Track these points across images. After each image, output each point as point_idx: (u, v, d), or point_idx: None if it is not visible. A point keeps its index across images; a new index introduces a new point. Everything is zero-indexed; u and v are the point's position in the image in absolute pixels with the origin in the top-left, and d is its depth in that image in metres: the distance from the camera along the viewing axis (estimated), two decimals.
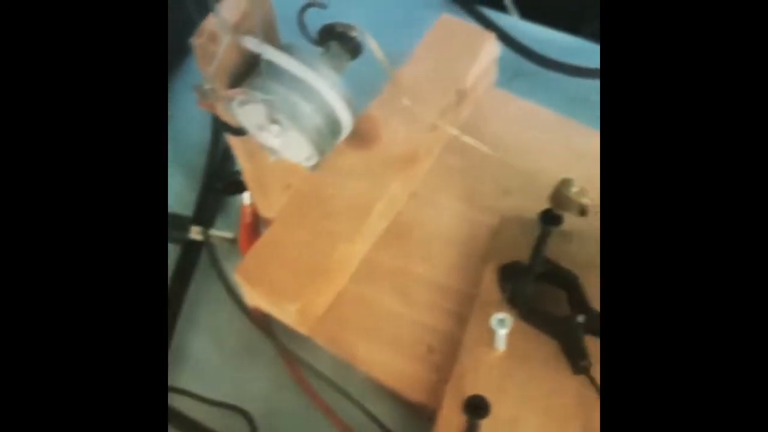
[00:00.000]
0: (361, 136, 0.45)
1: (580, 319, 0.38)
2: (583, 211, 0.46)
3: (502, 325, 0.37)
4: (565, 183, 0.35)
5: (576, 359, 0.38)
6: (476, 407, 0.35)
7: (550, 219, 0.37)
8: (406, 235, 0.47)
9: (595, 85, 0.54)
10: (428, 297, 0.45)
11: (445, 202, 0.48)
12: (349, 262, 0.45)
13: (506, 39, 0.55)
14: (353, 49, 0.35)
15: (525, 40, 0.56)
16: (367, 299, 0.45)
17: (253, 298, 0.45)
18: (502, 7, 0.61)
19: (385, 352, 0.43)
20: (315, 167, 0.37)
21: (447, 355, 0.42)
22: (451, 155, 0.49)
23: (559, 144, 0.49)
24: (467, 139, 0.41)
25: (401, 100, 0.39)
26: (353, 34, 0.34)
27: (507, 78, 0.55)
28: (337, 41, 0.34)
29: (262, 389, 0.45)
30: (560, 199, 0.36)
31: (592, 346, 0.39)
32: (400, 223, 0.47)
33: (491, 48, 0.48)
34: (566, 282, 0.40)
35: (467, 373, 0.40)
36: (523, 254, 0.42)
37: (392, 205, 0.46)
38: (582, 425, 0.38)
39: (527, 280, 0.40)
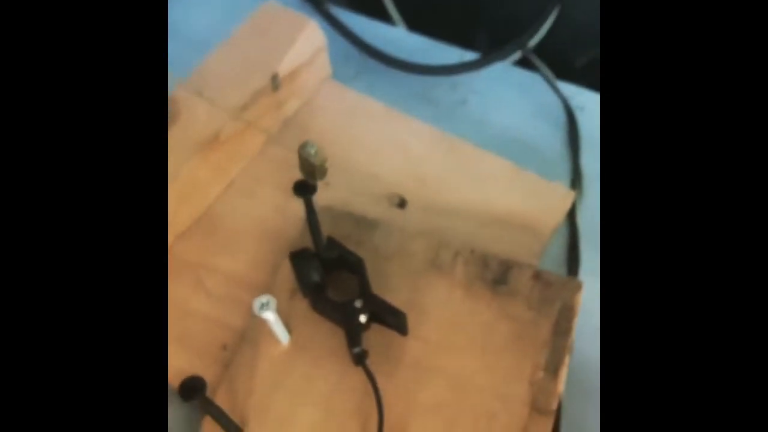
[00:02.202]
0: None
1: (358, 303, 0.35)
2: (401, 203, 0.44)
3: (266, 308, 0.33)
4: (303, 145, 0.32)
5: (351, 347, 0.34)
6: (189, 389, 0.31)
7: (301, 189, 0.34)
8: (215, 226, 0.44)
9: (433, 80, 0.53)
10: (229, 292, 0.41)
11: (264, 193, 0.45)
12: None
13: (349, 36, 0.53)
14: None
15: (373, 40, 0.54)
16: None
17: None
18: (389, 20, 0.60)
19: (174, 351, 0.39)
20: None
21: (243, 352, 0.39)
22: (275, 147, 0.47)
23: (386, 137, 0.47)
24: (266, 129, 0.39)
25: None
26: None
27: (351, 75, 0.53)
28: None
29: None
30: (302, 163, 0.33)
31: (378, 335, 0.36)
32: (212, 215, 0.44)
33: (313, 35, 0.47)
34: (354, 267, 0.37)
35: (241, 370, 0.36)
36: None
37: (195, 192, 0.43)
38: (364, 418, 0.34)
39: (312, 266, 0.37)
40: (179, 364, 0.39)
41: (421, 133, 0.48)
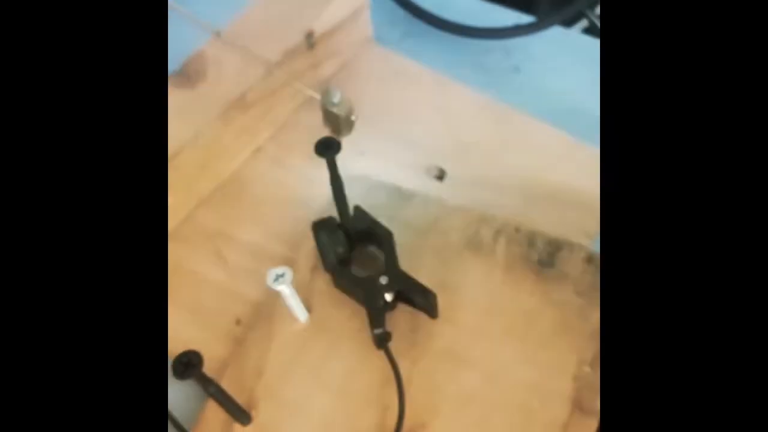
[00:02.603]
0: (186, 75, 0.40)
1: (383, 280, 0.31)
2: (441, 175, 0.40)
3: (281, 280, 0.30)
4: (326, 93, 0.28)
5: (372, 328, 0.31)
6: (184, 366, 0.28)
7: (324, 148, 0.30)
8: (239, 194, 0.41)
9: (485, 46, 0.48)
10: (249, 264, 0.38)
11: (293, 161, 0.42)
12: None
13: None
14: None
15: (422, 0, 0.50)
16: (178, 262, 0.38)
17: None
18: None
19: (185, 321, 0.36)
20: None
21: (257, 328, 0.35)
22: (309, 113, 0.43)
23: (429, 104, 0.43)
24: (299, 86, 0.35)
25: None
26: None
27: (397, 38, 0.49)
28: None
29: None
30: (325, 115, 0.29)
31: (404, 317, 0.32)
32: (237, 181, 0.41)
33: None
34: (382, 241, 0.33)
35: (254, 347, 0.33)
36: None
37: (219, 157, 0.40)
38: (383, 407, 0.31)
39: (336, 237, 0.33)
40: (190, 337, 0.36)
41: (468, 99, 0.43)
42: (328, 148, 0.30)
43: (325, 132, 0.41)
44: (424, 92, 0.44)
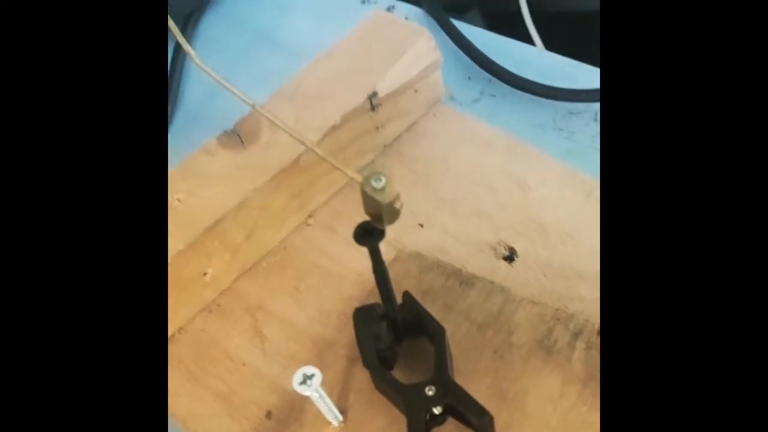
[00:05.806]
0: (238, 136, 0.37)
1: (429, 390, 0.26)
2: (510, 255, 0.35)
3: (307, 385, 0.26)
4: (368, 177, 0.24)
5: None
6: None
7: (364, 235, 0.26)
8: (285, 264, 0.37)
9: (571, 108, 0.43)
10: (287, 345, 0.34)
11: (346, 230, 0.38)
12: (193, 288, 0.35)
13: (472, 52, 0.45)
14: None
15: (503, 59, 0.46)
16: (212, 338, 0.35)
17: None
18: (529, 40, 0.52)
19: (214, 411, 0.33)
20: None
21: (287, 425, 0.31)
22: None
23: (503, 172, 0.38)
24: (332, 161, 0.30)
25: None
26: None
27: (472, 98, 0.45)
28: None
29: None
30: (366, 201, 0.25)
31: None
32: (284, 250, 0.38)
33: (425, 49, 0.39)
34: (432, 338, 0.28)
35: None
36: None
37: (266, 224, 0.37)
38: None
39: (378, 330, 0.29)
40: (216, 428, 0.32)
41: (549, 169, 0.38)
42: (368, 235, 0.26)
43: None
44: (498, 158, 0.39)
